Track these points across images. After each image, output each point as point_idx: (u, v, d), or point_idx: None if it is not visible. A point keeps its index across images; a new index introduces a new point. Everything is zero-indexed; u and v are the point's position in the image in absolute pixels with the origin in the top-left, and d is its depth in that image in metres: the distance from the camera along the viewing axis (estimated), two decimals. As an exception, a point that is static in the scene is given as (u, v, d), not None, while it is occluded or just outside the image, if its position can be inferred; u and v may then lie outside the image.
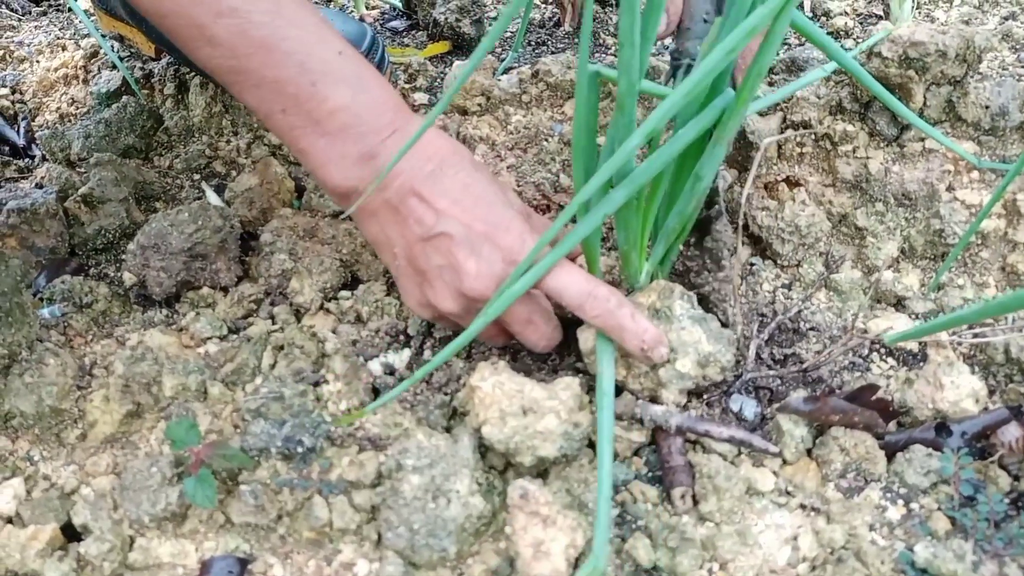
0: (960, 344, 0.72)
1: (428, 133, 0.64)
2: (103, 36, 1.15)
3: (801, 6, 1.11)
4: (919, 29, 0.77)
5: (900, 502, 0.62)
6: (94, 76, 1.15)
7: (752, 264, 0.80)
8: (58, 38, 1.25)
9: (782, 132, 0.84)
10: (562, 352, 0.77)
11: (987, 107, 0.79)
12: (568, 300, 0.63)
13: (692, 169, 0.65)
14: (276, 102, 0.62)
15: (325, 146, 0.63)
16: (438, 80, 1.04)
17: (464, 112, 0.97)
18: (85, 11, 1.22)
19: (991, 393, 0.69)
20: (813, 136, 0.83)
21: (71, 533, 0.65)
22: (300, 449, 0.65)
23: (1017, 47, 0.96)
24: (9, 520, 0.65)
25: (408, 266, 0.67)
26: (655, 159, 0.59)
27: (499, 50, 1.11)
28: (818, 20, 1.09)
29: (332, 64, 0.62)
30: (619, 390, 0.67)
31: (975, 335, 0.72)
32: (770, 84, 0.87)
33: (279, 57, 0.61)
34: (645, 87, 0.60)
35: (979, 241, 0.78)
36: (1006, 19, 1.01)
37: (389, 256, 0.68)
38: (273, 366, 0.73)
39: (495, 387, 0.64)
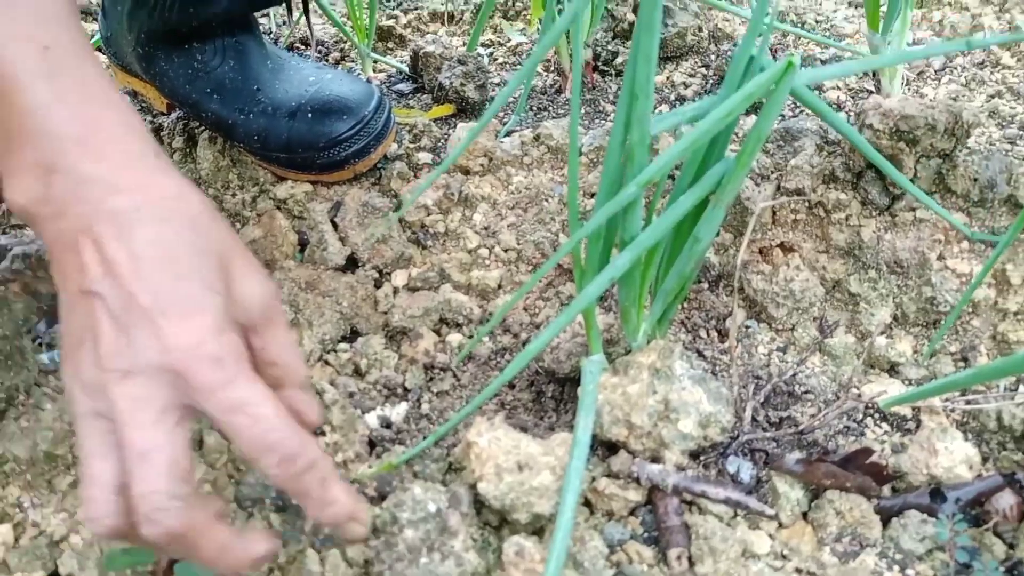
0: (953, 410, 0.72)
1: (151, 166, 0.51)
2: (115, 90, 1.17)
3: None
4: (909, 103, 0.80)
5: (896, 568, 0.62)
6: (104, 128, 1.17)
7: (747, 327, 0.81)
8: (70, 91, 1.28)
9: (775, 199, 0.86)
10: (559, 409, 0.77)
11: (976, 180, 0.81)
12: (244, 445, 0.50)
13: (690, 230, 0.67)
14: None
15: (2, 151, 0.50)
16: (442, 141, 1.06)
17: (467, 172, 0.99)
18: (98, 66, 1.26)
19: (984, 460, 0.70)
20: (807, 203, 0.85)
21: (58, 582, 0.64)
22: (294, 501, 0.65)
23: (1003, 123, 0.99)
24: (-4, 567, 0.64)
25: (66, 322, 0.51)
26: (659, 223, 0.60)
27: (502, 114, 1.13)
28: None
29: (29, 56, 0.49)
30: (616, 448, 0.67)
31: (967, 401, 0.72)
32: (764, 153, 0.89)
33: None
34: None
35: (970, 310, 0.80)
36: (992, 97, 1.05)
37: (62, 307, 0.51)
38: (270, 416, 0.73)
39: (491, 443, 0.64)
